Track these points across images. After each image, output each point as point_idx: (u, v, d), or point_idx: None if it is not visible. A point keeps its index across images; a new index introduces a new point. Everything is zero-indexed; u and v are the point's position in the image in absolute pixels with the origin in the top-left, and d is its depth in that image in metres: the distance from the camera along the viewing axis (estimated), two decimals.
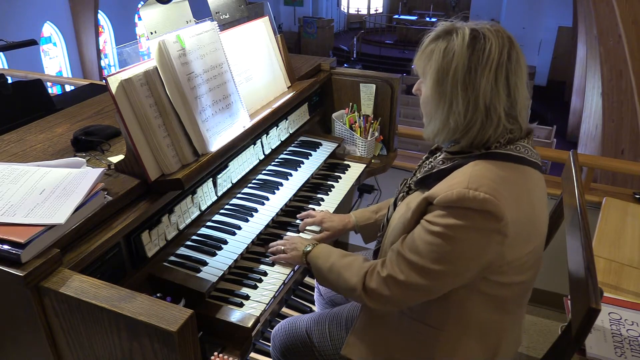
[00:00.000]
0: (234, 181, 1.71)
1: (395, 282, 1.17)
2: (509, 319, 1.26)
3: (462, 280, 1.14)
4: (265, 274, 1.47)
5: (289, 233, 1.67)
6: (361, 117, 2.24)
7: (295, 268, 1.52)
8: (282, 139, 2.01)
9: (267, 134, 1.90)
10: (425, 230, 1.12)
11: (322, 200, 1.86)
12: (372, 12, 20.26)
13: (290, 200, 1.77)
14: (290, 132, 2.06)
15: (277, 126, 1.96)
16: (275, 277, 1.47)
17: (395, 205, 1.35)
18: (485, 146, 1.13)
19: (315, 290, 1.87)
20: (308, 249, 1.43)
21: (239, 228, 1.59)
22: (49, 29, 10.82)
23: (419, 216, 1.16)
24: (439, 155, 1.24)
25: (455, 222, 1.06)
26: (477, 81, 1.08)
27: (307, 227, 1.68)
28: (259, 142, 1.85)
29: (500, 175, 1.09)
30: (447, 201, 1.07)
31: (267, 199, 1.74)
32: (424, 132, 1.22)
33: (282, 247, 1.50)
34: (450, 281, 1.14)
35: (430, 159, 1.29)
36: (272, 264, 1.52)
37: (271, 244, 1.56)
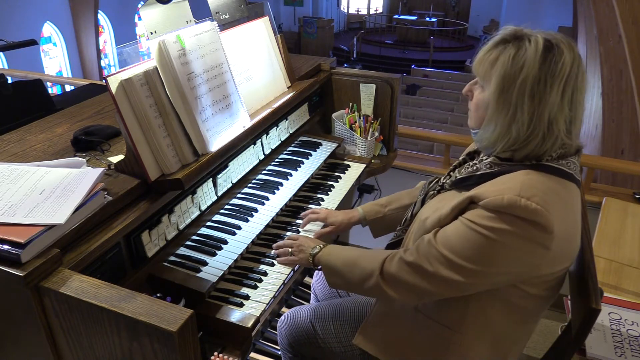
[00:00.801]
0: (234, 181, 1.71)
1: (420, 271, 1.15)
2: (524, 329, 1.25)
3: (490, 285, 1.12)
4: (265, 274, 1.47)
5: (289, 233, 1.67)
6: (361, 117, 2.24)
7: (296, 268, 1.52)
8: (282, 139, 2.01)
9: (267, 134, 1.90)
10: (466, 228, 1.09)
11: (322, 200, 1.86)
12: (372, 12, 20.26)
13: (290, 200, 1.77)
14: (290, 132, 2.06)
15: (277, 126, 1.96)
16: (275, 277, 1.47)
17: (423, 202, 1.33)
18: (539, 158, 1.11)
19: (312, 297, 1.87)
20: (315, 251, 1.42)
21: (239, 228, 1.59)
22: (49, 29, 10.82)
23: (459, 213, 1.13)
24: (486, 159, 1.19)
25: (502, 226, 1.04)
26: (546, 93, 1.05)
27: (311, 224, 1.68)
28: (259, 142, 1.85)
29: (551, 187, 1.07)
30: (496, 205, 1.05)
31: (267, 199, 1.74)
32: (477, 137, 1.18)
33: (290, 249, 1.50)
34: (480, 282, 1.12)
35: (473, 162, 1.25)
36: (272, 264, 1.52)
37: (277, 244, 1.55)
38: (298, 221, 1.72)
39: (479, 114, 1.17)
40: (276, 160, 2.00)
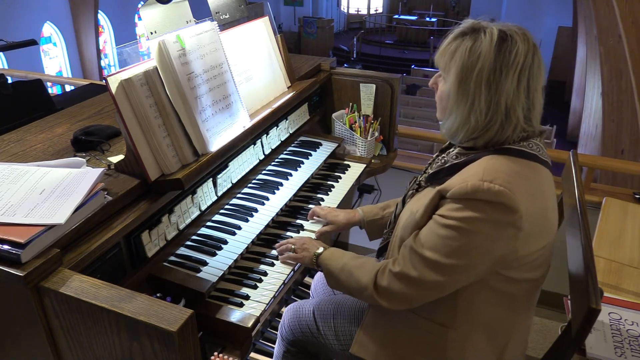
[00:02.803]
0: (234, 181, 1.71)
1: (407, 279, 1.17)
2: (518, 318, 1.25)
3: (475, 276, 1.14)
4: (265, 274, 1.47)
5: (289, 233, 1.67)
6: (361, 117, 2.24)
7: (295, 268, 1.52)
8: (282, 139, 2.01)
9: (267, 134, 1.90)
10: (439, 225, 1.12)
11: (322, 200, 1.86)
12: (372, 12, 20.25)
13: (290, 200, 1.77)
14: (290, 132, 2.06)
15: (277, 126, 1.96)
16: (275, 277, 1.47)
17: (404, 202, 1.35)
18: (501, 144, 1.15)
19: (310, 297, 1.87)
20: (319, 251, 1.43)
21: (239, 228, 1.59)
22: (49, 29, 10.82)
23: (432, 211, 1.16)
24: (453, 151, 1.24)
25: (470, 214, 1.07)
26: (501, 82, 1.10)
27: (312, 222, 1.69)
28: (259, 142, 1.85)
29: (514, 169, 1.10)
30: (461, 193, 1.08)
31: (267, 199, 1.74)
32: (442, 127, 1.23)
33: (292, 247, 1.50)
34: (463, 276, 1.14)
35: (442, 155, 1.29)
36: (272, 264, 1.52)
37: (279, 243, 1.56)
38: (298, 221, 1.72)
39: (442, 105, 1.22)
40: (276, 160, 2.00)
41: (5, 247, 1.01)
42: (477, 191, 1.06)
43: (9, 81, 2.55)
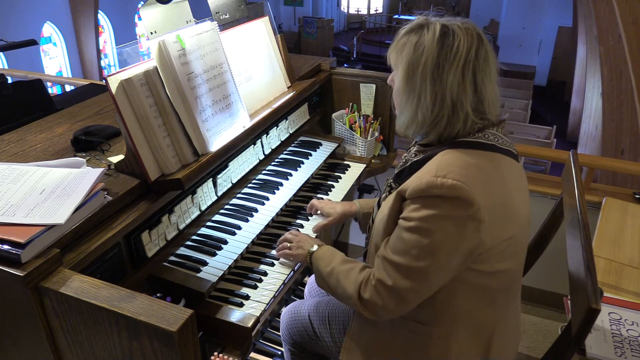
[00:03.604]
0: (234, 181, 1.71)
1: (385, 288, 1.16)
2: (498, 311, 1.25)
3: (447, 274, 1.13)
4: (265, 274, 1.47)
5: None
6: (361, 117, 2.24)
7: (295, 268, 1.52)
8: (282, 139, 2.01)
9: (267, 134, 1.90)
10: (403, 229, 1.12)
11: (322, 200, 1.86)
12: (372, 12, 20.24)
13: (290, 200, 1.77)
14: (290, 132, 2.06)
15: (277, 126, 1.96)
16: (275, 277, 1.47)
17: (379, 205, 1.35)
18: (455, 138, 1.15)
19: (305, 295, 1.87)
20: (313, 249, 1.43)
21: (239, 228, 1.59)
22: (49, 29, 10.81)
23: (397, 214, 1.16)
24: (413, 149, 1.26)
25: (428, 212, 1.07)
26: (444, 77, 1.10)
27: (313, 220, 1.71)
28: (259, 142, 1.85)
29: (468, 162, 1.10)
30: (417, 191, 1.08)
31: (267, 199, 1.74)
32: (396, 123, 1.24)
33: (288, 244, 1.50)
34: (435, 277, 1.13)
35: (405, 154, 1.30)
36: (272, 264, 1.52)
37: (279, 239, 1.56)
38: (298, 221, 1.72)
39: (396, 101, 1.23)
40: (276, 160, 2.00)
41: (5, 247, 1.01)
42: (431, 187, 1.06)
43: (9, 81, 2.54)
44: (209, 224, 1.61)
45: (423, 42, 1.12)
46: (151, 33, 1.39)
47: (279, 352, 2.09)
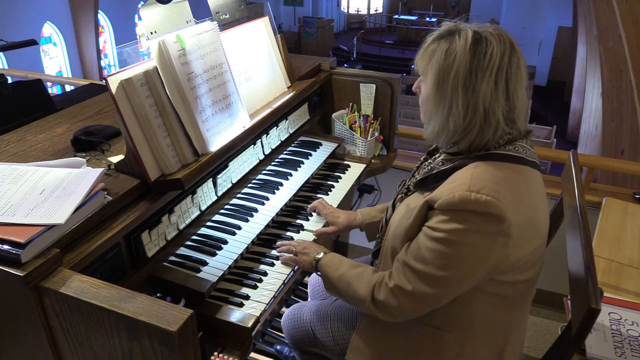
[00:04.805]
0: (234, 181, 1.71)
1: (403, 293, 1.16)
2: (515, 316, 1.25)
3: (469, 285, 1.13)
4: (265, 274, 1.47)
5: (289, 233, 1.67)
6: (361, 117, 2.24)
7: (295, 268, 1.52)
8: (282, 139, 2.01)
9: (267, 134, 1.90)
10: (429, 237, 1.11)
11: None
12: (372, 12, 20.26)
13: (290, 200, 1.77)
14: (290, 132, 2.06)
15: (277, 126, 1.96)
16: (275, 277, 1.47)
17: (393, 206, 1.35)
18: (485, 148, 1.14)
19: (309, 294, 1.87)
20: (319, 256, 1.42)
21: (239, 228, 1.59)
22: (49, 29, 10.82)
23: (421, 221, 1.15)
24: (439, 157, 1.23)
25: (458, 226, 1.06)
26: (477, 85, 1.08)
27: (313, 220, 1.69)
28: (259, 142, 1.85)
29: (500, 176, 1.09)
30: (449, 204, 1.07)
31: (267, 199, 1.74)
32: (424, 132, 1.22)
33: (293, 249, 1.50)
34: (458, 287, 1.13)
35: (429, 160, 1.28)
36: (272, 264, 1.52)
37: (280, 243, 1.56)
38: (298, 221, 1.72)
39: (424, 108, 1.21)
40: (276, 160, 2.00)
41: (5, 247, 1.01)
42: (465, 202, 1.05)
43: (9, 81, 2.54)
44: (209, 224, 1.61)
45: (455, 49, 1.09)
46: (151, 33, 1.39)
47: (279, 353, 2.09)
